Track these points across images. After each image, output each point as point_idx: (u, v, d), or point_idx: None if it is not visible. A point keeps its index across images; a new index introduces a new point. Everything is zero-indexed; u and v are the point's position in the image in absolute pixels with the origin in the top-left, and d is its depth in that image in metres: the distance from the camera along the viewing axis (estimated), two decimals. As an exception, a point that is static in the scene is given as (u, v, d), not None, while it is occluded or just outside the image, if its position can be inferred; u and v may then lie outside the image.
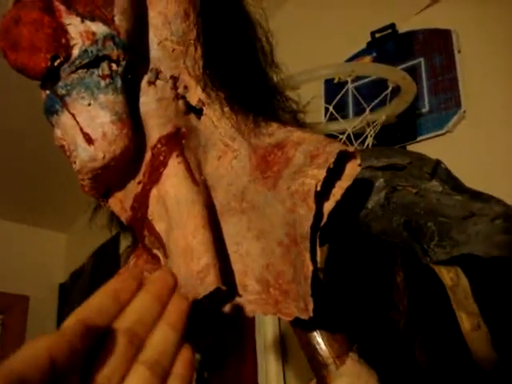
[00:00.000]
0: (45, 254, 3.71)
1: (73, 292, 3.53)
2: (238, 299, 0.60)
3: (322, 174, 0.57)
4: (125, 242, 0.74)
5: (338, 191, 0.60)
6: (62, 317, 3.54)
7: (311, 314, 0.54)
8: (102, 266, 3.24)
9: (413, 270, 0.65)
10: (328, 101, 1.83)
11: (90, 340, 0.37)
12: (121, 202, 0.66)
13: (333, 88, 1.94)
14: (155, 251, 0.65)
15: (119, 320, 0.39)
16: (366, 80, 1.89)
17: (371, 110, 1.64)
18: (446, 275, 0.62)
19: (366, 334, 0.67)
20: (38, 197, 3.34)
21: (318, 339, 0.65)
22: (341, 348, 0.64)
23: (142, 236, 0.65)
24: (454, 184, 0.72)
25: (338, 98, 1.59)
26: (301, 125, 0.69)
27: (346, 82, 1.67)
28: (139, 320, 0.40)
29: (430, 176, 0.73)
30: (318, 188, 0.56)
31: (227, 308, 0.60)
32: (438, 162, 0.76)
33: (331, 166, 0.57)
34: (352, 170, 0.60)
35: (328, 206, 0.60)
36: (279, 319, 1.93)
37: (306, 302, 0.55)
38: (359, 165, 0.60)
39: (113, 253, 3.19)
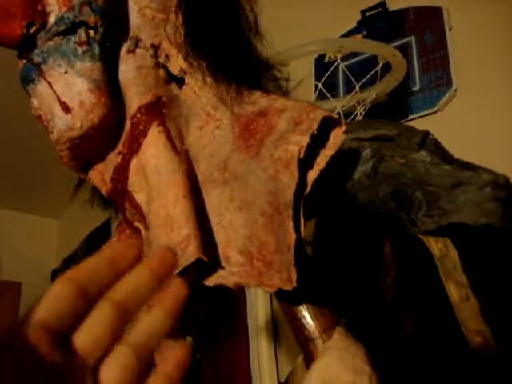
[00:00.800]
0: (37, 241, 3.70)
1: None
2: (220, 271, 0.58)
3: (305, 140, 0.55)
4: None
5: (322, 159, 0.59)
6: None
7: (295, 285, 0.53)
8: (94, 251, 3.20)
9: (400, 240, 0.64)
10: (318, 79, 1.81)
11: (79, 304, 0.35)
12: (101, 174, 0.65)
13: (323, 67, 1.92)
14: (136, 224, 0.63)
15: (112, 289, 0.37)
16: (357, 59, 1.87)
17: (361, 88, 1.63)
18: (435, 246, 0.61)
19: (353, 306, 0.66)
20: (28, 183, 3.32)
21: (304, 313, 0.64)
22: (327, 322, 0.63)
23: (123, 209, 0.64)
24: (442, 154, 0.71)
25: (327, 74, 1.57)
26: (284, 93, 0.68)
27: (337, 61, 1.65)
28: (132, 294, 0.38)
29: (418, 146, 0.71)
30: (302, 154, 0.55)
31: (209, 280, 0.58)
32: (426, 133, 0.74)
33: (315, 132, 0.55)
34: (336, 137, 0.59)
35: (312, 175, 0.58)
36: (271, 300, 1.93)
37: (289, 273, 0.54)
38: (344, 132, 0.58)
39: (105, 238, 3.17)
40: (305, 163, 0.57)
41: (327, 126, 0.59)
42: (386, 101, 1.76)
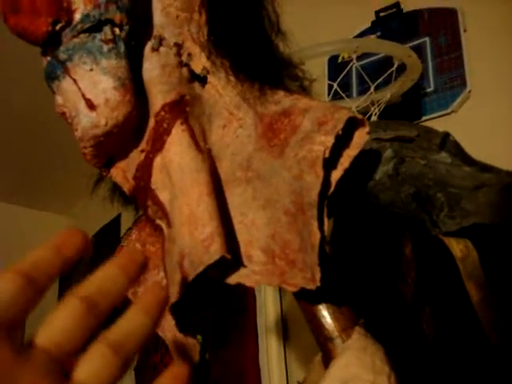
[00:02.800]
0: (45, 237, 3.68)
1: (74, 274, 3.52)
2: (242, 270, 0.59)
3: (330, 140, 0.55)
4: (126, 224, 0.73)
5: (346, 159, 0.59)
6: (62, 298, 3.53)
7: (318, 284, 0.53)
8: (102, 248, 3.23)
9: (422, 241, 0.64)
10: (331, 80, 1.81)
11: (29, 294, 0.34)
12: (123, 172, 0.65)
13: (336, 67, 1.92)
14: (158, 221, 0.64)
15: (78, 288, 0.37)
16: (370, 59, 1.87)
17: (375, 89, 1.62)
18: (456, 247, 0.61)
19: (373, 306, 0.66)
20: (38, 179, 3.33)
21: (324, 312, 0.64)
22: (347, 321, 0.63)
23: (145, 206, 0.64)
24: (463, 156, 0.71)
25: (343, 74, 1.57)
26: (307, 93, 0.68)
27: (350, 62, 1.65)
28: (99, 289, 0.37)
29: (438, 148, 0.71)
30: (327, 155, 0.55)
31: (231, 279, 0.58)
32: (446, 135, 0.74)
33: (340, 132, 0.56)
34: (360, 138, 0.59)
35: (336, 175, 0.58)
36: (280, 300, 1.93)
37: (313, 272, 0.54)
38: (368, 133, 0.58)
39: (114, 235, 3.18)
40: (329, 163, 0.57)
41: (351, 126, 0.59)
42: (399, 102, 1.75)
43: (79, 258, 0.37)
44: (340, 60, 1.95)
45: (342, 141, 0.59)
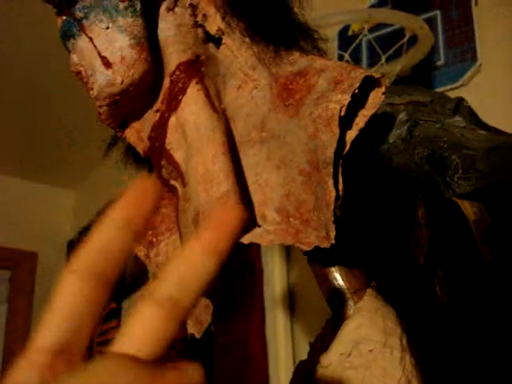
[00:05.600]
0: (54, 211, 3.72)
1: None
2: (256, 229, 0.59)
3: (346, 98, 0.55)
4: None
5: (361, 119, 0.59)
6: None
7: (333, 242, 0.53)
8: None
9: (435, 203, 0.64)
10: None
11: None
12: (138, 132, 0.65)
13: (346, 40, 1.91)
14: (172, 182, 0.64)
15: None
16: (381, 32, 1.85)
17: (387, 61, 1.61)
18: (470, 209, 0.61)
19: (385, 269, 0.66)
20: (47, 154, 3.33)
21: (336, 275, 0.64)
22: (359, 283, 0.63)
23: (160, 166, 0.64)
24: (477, 120, 0.71)
25: (353, 45, 1.56)
26: (323, 54, 0.67)
27: (360, 35, 1.64)
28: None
29: (452, 113, 0.71)
30: (343, 113, 0.55)
31: (245, 239, 0.58)
32: (460, 100, 0.74)
33: (356, 91, 0.55)
34: (376, 98, 0.59)
35: (351, 134, 0.58)
36: (288, 272, 1.93)
37: (327, 230, 0.54)
38: (383, 93, 0.58)
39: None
40: (343, 123, 0.57)
41: (366, 86, 0.59)
42: (409, 75, 1.74)
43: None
44: (350, 33, 1.93)
45: (358, 101, 0.59)
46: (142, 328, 0.27)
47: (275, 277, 1.93)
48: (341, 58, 1.68)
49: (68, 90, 2.09)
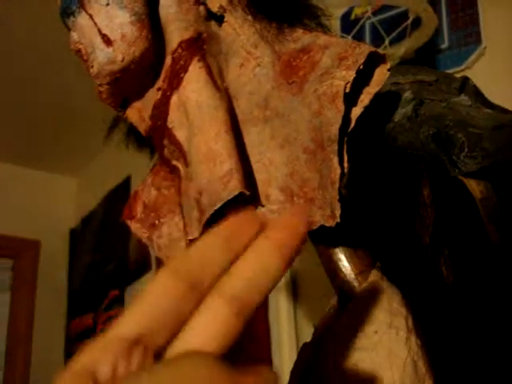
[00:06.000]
0: (56, 199, 3.71)
1: (84, 237, 3.55)
2: (260, 209, 0.58)
3: (351, 74, 0.54)
4: (136, 186, 0.72)
5: (366, 96, 0.58)
6: (72, 262, 3.56)
7: (338, 220, 0.52)
8: (112, 210, 3.23)
9: (441, 182, 0.63)
10: (344, 36, 1.78)
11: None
12: (139, 112, 0.64)
13: (349, 24, 1.89)
14: (174, 162, 0.63)
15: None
16: (384, 16, 1.83)
17: (390, 44, 1.60)
18: (476, 187, 0.61)
19: (390, 249, 0.65)
20: (48, 141, 3.33)
21: (341, 255, 0.63)
22: (363, 264, 0.63)
23: (162, 146, 0.63)
24: (482, 99, 0.70)
25: (356, 28, 1.55)
26: (326, 30, 0.66)
27: (363, 19, 1.63)
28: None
29: (458, 91, 0.70)
30: (347, 89, 0.54)
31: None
32: (466, 79, 0.73)
33: (361, 67, 0.54)
34: (381, 75, 0.58)
35: (356, 112, 0.57)
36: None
37: (332, 208, 0.53)
38: (388, 70, 0.57)
39: (124, 197, 3.18)
40: (349, 100, 0.56)
41: (371, 63, 0.58)
42: (413, 58, 1.73)
43: None
44: (353, 17, 1.92)
45: (362, 78, 0.58)
46: (211, 324, 0.27)
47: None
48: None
49: (69, 76, 2.09)
